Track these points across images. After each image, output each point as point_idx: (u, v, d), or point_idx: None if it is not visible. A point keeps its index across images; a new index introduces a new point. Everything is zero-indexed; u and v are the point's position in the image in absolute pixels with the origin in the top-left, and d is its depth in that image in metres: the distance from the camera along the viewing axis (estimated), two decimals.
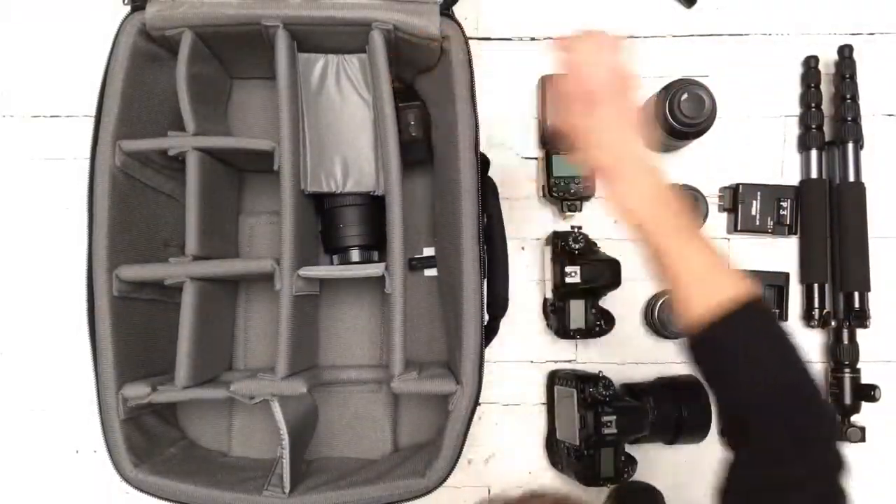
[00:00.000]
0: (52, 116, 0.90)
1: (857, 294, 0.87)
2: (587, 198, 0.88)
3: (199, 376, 0.77)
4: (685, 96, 0.80)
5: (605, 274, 0.83)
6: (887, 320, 0.89)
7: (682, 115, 0.81)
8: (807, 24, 0.92)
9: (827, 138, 0.91)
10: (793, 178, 0.91)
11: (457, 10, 0.77)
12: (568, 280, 0.83)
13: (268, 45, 0.77)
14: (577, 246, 0.84)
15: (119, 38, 0.74)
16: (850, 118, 0.88)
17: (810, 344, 0.90)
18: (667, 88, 0.83)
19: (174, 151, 0.75)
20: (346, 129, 0.82)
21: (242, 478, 0.77)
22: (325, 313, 0.89)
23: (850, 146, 0.88)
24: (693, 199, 0.83)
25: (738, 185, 0.89)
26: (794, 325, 0.90)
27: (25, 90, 0.91)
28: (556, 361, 0.90)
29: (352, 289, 0.88)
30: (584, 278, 0.83)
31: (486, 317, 0.76)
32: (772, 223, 0.88)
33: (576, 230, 0.85)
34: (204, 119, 0.79)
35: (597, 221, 0.90)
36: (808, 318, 0.89)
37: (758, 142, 0.92)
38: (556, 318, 0.86)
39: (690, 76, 0.91)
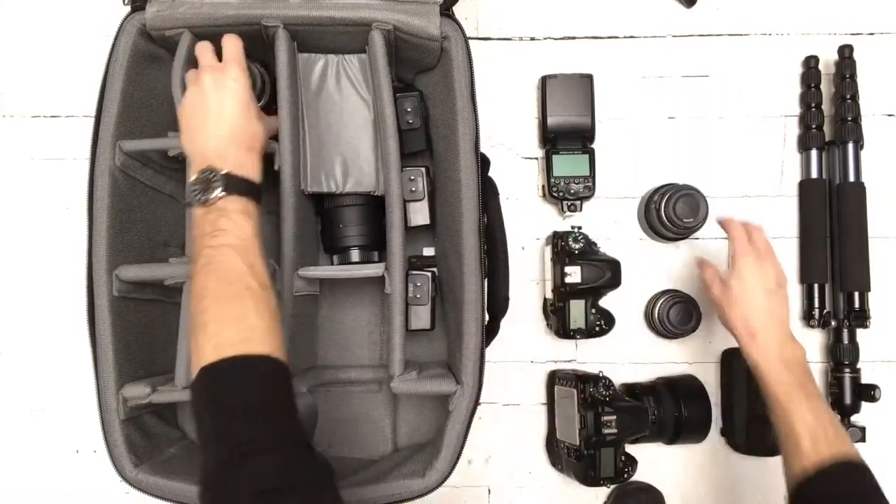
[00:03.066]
0: (52, 116, 0.90)
1: (857, 294, 0.87)
2: (587, 198, 0.88)
3: None
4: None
5: (605, 274, 0.83)
6: (887, 320, 0.89)
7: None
8: (807, 24, 0.92)
9: (827, 138, 0.91)
10: (793, 178, 0.91)
11: (457, 10, 0.77)
12: (568, 280, 0.83)
13: (268, 45, 0.77)
14: (577, 246, 0.84)
15: (119, 38, 0.74)
16: (850, 118, 0.88)
17: (810, 344, 0.90)
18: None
19: (174, 151, 0.75)
20: (346, 129, 0.82)
21: None
22: (325, 313, 0.89)
23: (850, 146, 0.88)
24: (695, 201, 0.84)
25: None
26: (794, 325, 0.90)
27: (25, 90, 0.91)
28: (556, 361, 0.90)
29: (352, 289, 0.88)
30: (584, 278, 0.83)
31: (487, 317, 0.76)
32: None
33: (576, 230, 0.85)
34: None
35: (597, 221, 0.90)
36: (808, 318, 0.89)
37: (758, 142, 0.92)
38: (556, 318, 0.86)
39: (690, 76, 0.92)
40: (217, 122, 0.66)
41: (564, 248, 0.84)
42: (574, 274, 0.83)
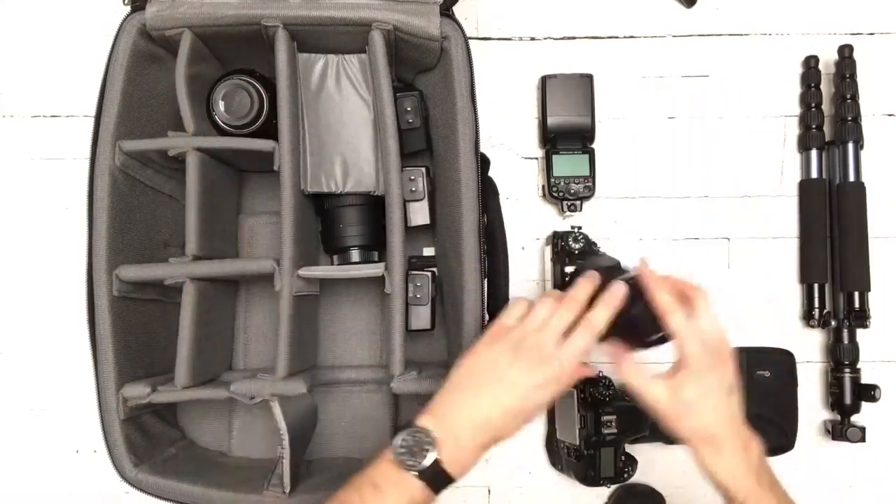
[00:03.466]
0: (52, 116, 0.90)
1: (857, 294, 0.87)
2: (587, 198, 0.88)
3: (199, 376, 0.77)
4: None
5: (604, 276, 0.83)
6: (887, 320, 0.89)
7: None
8: (807, 24, 0.92)
9: (827, 138, 0.91)
10: (793, 178, 0.91)
11: (457, 10, 0.77)
12: (568, 280, 0.83)
13: (268, 45, 0.77)
14: (577, 246, 0.84)
15: (119, 38, 0.74)
16: (850, 118, 0.88)
17: (810, 344, 0.90)
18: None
19: (174, 151, 0.75)
20: (346, 129, 0.82)
21: (242, 478, 0.77)
22: (325, 313, 0.89)
23: (850, 146, 0.88)
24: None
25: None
26: (794, 325, 0.90)
27: (25, 90, 0.91)
28: None
29: (352, 289, 0.88)
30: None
31: (487, 317, 0.76)
32: None
33: (576, 230, 0.85)
34: (203, 119, 0.79)
35: (597, 221, 0.90)
36: (808, 318, 0.89)
37: (758, 142, 0.92)
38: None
39: (690, 76, 0.92)
40: (503, 408, 0.58)
41: (564, 248, 0.84)
42: (573, 274, 0.83)
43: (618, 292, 0.62)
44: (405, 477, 0.56)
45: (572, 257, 0.83)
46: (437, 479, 0.57)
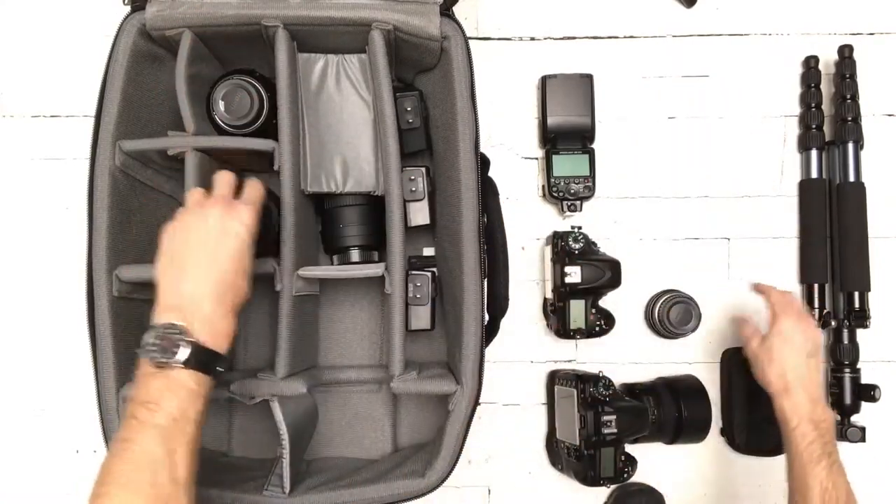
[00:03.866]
0: (52, 116, 0.90)
1: (857, 294, 0.87)
2: (587, 198, 0.88)
3: None
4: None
5: (605, 274, 0.83)
6: (887, 320, 0.89)
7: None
8: (807, 24, 0.92)
9: (827, 138, 0.91)
10: (793, 178, 0.91)
11: (457, 10, 0.77)
12: (568, 280, 0.83)
13: (268, 45, 0.77)
14: (577, 246, 0.84)
15: (119, 38, 0.74)
16: (850, 118, 0.88)
17: None
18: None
19: (174, 151, 0.75)
20: (346, 129, 0.82)
21: (242, 478, 0.77)
22: (325, 313, 0.89)
23: (850, 146, 0.88)
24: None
25: None
26: None
27: (25, 90, 0.91)
28: (556, 361, 0.90)
29: (352, 289, 0.88)
30: (584, 278, 0.83)
31: (487, 317, 0.76)
32: None
33: (576, 230, 0.85)
34: (203, 119, 0.79)
35: (597, 221, 0.90)
36: None
37: (758, 142, 0.92)
38: (556, 318, 0.86)
39: (690, 76, 0.92)
40: (208, 267, 0.61)
41: (564, 248, 0.84)
42: (574, 274, 0.83)
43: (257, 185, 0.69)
44: (171, 376, 0.57)
45: (572, 257, 0.83)
46: (204, 359, 0.58)
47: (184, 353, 0.57)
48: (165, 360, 0.57)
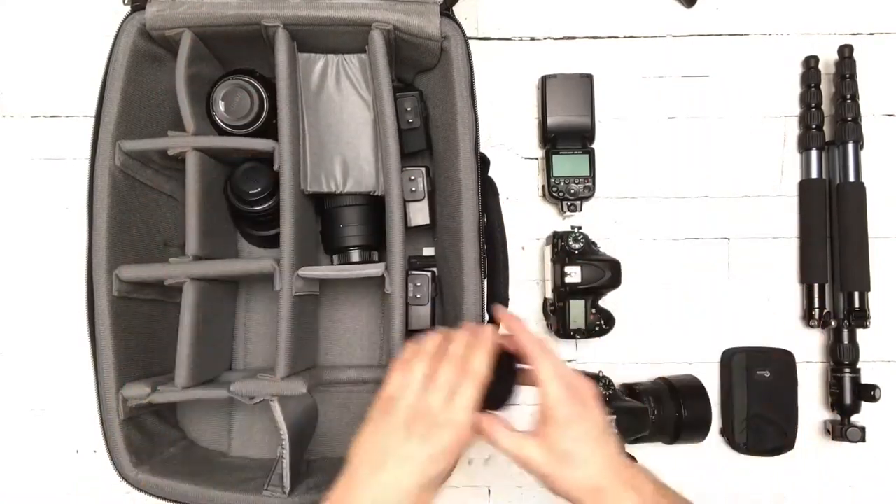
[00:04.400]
0: (52, 116, 0.90)
1: (857, 294, 0.87)
2: (587, 198, 0.88)
3: (199, 376, 0.77)
4: None
5: (605, 274, 0.84)
6: (887, 320, 0.89)
7: None
8: (807, 24, 0.92)
9: (827, 138, 0.91)
10: (793, 178, 0.91)
11: (457, 10, 0.77)
12: (568, 280, 0.83)
13: (268, 45, 0.77)
14: (577, 246, 0.84)
15: (119, 38, 0.74)
16: (850, 118, 0.88)
17: (810, 344, 0.90)
18: None
19: (174, 151, 0.75)
20: (346, 129, 0.82)
21: (242, 478, 0.77)
22: (325, 313, 0.89)
23: (850, 146, 0.88)
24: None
25: None
26: (794, 325, 0.90)
27: (25, 90, 0.91)
28: None
29: (352, 289, 0.88)
30: (584, 278, 0.83)
31: (487, 317, 0.76)
32: None
33: (576, 230, 0.85)
34: (203, 119, 0.79)
35: (597, 221, 0.90)
36: (808, 318, 0.89)
37: (758, 142, 0.92)
38: (556, 318, 0.86)
39: (690, 76, 0.92)
40: (407, 468, 0.54)
41: (564, 248, 0.84)
42: (574, 274, 0.83)
43: (487, 332, 0.60)
44: None
45: (572, 257, 0.83)
46: None
47: None
48: None
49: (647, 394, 0.85)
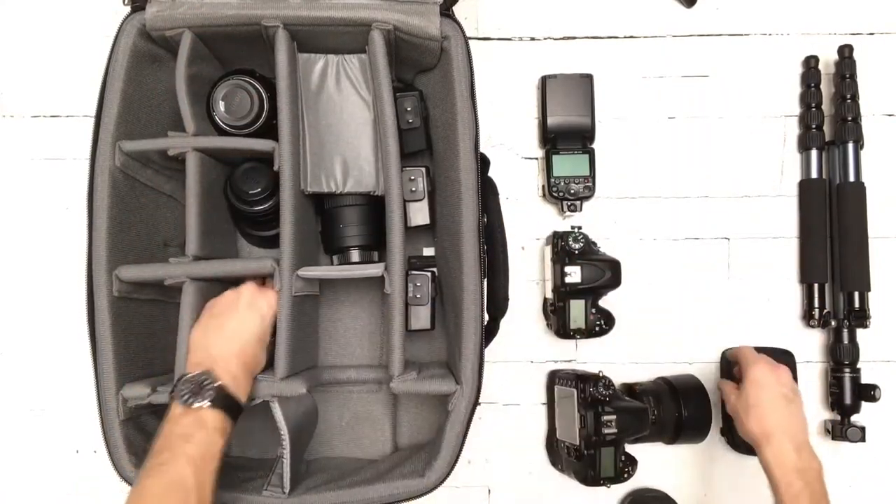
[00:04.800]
0: (52, 116, 0.90)
1: (857, 294, 0.87)
2: (587, 198, 0.88)
3: None
4: None
5: (605, 274, 0.84)
6: (887, 320, 0.89)
7: None
8: (807, 24, 0.92)
9: (827, 138, 0.91)
10: (793, 178, 0.91)
11: (457, 10, 0.77)
12: (568, 280, 0.83)
13: (268, 45, 0.77)
14: (577, 246, 0.84)
15: (119, 39, 0.74)
16: (850, 118, 0.88)
17: (810, 344, 0.90)
18: None
19: (174, 152, 0.75)
20: (346, 129, 0.82)
21: (242, 478, 0.77)
22: (325, 313, 0.89)
23: (850, 146, 0.88)
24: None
25: None
26: (794, 325, 0.90)
27: (25, 90, 0.91)
28: (556, 361, 0.90)
29: (352, 289, 0.88)
30: (584, 278, 0.83)
31: (487, 317, 0.76)
32: None
33: (576, 230, 0.85)
34: (203, 119, 0.79)
35: (597, 221, 0.90)
36: (808, 318, 0.89)
37: (758, 142, 0.92)
38: (556, 318, 0.86)
39: (690, 76, 0.92)
40: (234, 334, 0.71)
41: (564, 248, 0.84)
42: (574, 274, 0.83)
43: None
44: (201, 414, 0.64)
45: (572, 257, 0.83)
46: (228, 403, 0.66)
47: (212, 393, 0.65)
48: (194, 401, 0.65)
49: (647, 394, 0.85)
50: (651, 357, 0.90)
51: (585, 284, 0.83)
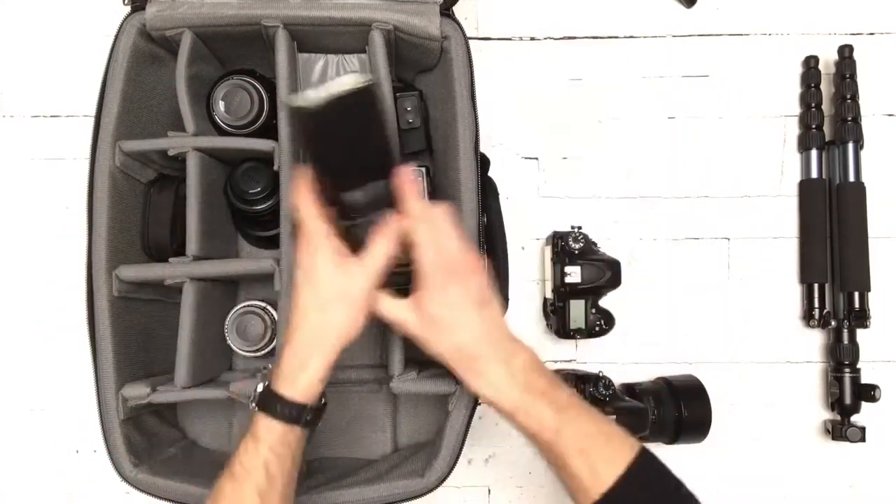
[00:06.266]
0: (52, 116, 0.90)
1: (857, 294, 0.87)
2: None
3: (199, 376, 0.77)
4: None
5: (605, 274, 0.83)
6: (887, 320, 0.89)
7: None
8: (807, 24, 0.92)
9: (827, 138, 0.91)
10: (793, 178, 0.91)
11: (457, 10, 0.77)
12: (568, 280, 0.83)
13: (268, 45, 0.77)
14: (577, 246, 0.84)
15: (119, 38, 0.74)
16: (850, 118, 0.88)
17: (810, 344, 0.90)
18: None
19: (174, 152, 0.75)
20: None
21: None
22: None
23: (850, 146, 0.88)
24: None
25: None
26: (794, 325, 0.90)
27: (25, 90, 0.91)
28: (556, 361, 0.90)
29: None
30: (584, 278, 0.83)
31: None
32: None
33: (576, 230, 0.85)
34: (203, 119, 0.79)
35: (597, 221, 0.90)
36: (808, 318, 0.89)
37: (758, 142, 0.92)
38: (556, 318, 0.86)
39: (690, 76, 0.92)
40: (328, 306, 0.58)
41: (564, 248, 0.84)
42: (574, 274, 0.83)
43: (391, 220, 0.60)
44: (257, 429, 0.59)
45: (572, 257, 0.83)
46: (280, 410, 0.58)
47: (254, 399, 0.60)
48: (250, 404, 0.61)
49: (647, 394, 0.85)
50: (651, 357, 0.90)
51: (585, 284, 0.83)
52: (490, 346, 0.58)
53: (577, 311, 0.84)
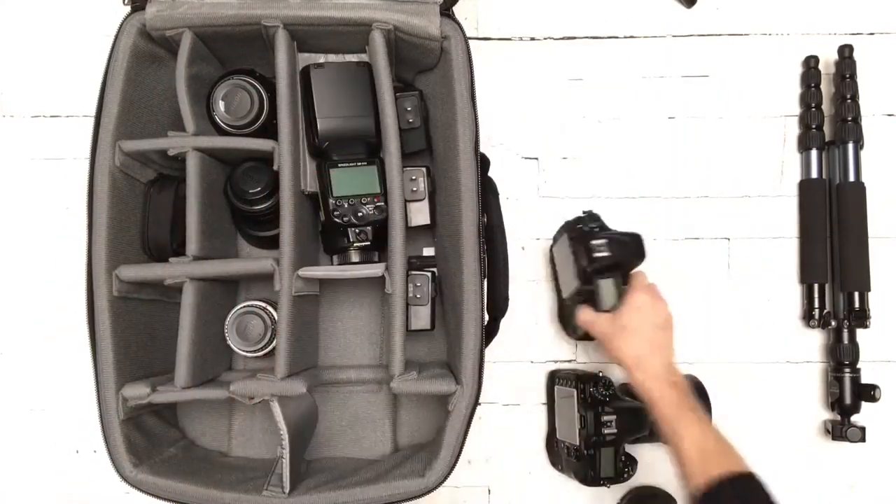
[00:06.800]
0: (52, 116, 0.90)
1: (857, 294, 0.87)
2: (377, 221, 0.79)
3: (199, 376, 0.77)
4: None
5: (630, 246, 0.77)
6: (887, 320, 0.89)
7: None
8: (807, 24, 0.92)
9: (827, 138, 0.91)
10: (793, 178, 0.91)
11: (457, 10, 0.77)
12: (596, 255, 0.75)
13: (268, 45, 0.77)
14: (594, 224, 0.79)
15: (119, 38, 0.74)
16: (850, 118, 0.88)
17: (810, 344, 0.90)
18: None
19: (174, 151, 0.75)
20: None
21: (242, 478, 0.77)
22: (325, 313, 0.89)
23: (850, 146, 0.88)
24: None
25: None
26: (794, 325, 0.90)
27: (25, 90, 0.91)
28: (556, 361, 0.90)
29: (352, 289, 0.88)
30: (611, 251, 0.75)
31: (486, 317, 0.76)
32: None
33: (586, 214, 0.81)
34: (203, 119, 0.79)
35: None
36: (808, 318, 0.89)
37: (758, 142, 0.92)
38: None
39: (690, 76, 0.92)
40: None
41: (582, 228, 0.77)
42: (602, 248, 0.75)
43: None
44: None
45: (594, 234, 0.76)
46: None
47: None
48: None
49: None
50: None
51: (615, 259, 0.76)
52: (657, 351, 0.72)
53: (607, 290, 0.77)
